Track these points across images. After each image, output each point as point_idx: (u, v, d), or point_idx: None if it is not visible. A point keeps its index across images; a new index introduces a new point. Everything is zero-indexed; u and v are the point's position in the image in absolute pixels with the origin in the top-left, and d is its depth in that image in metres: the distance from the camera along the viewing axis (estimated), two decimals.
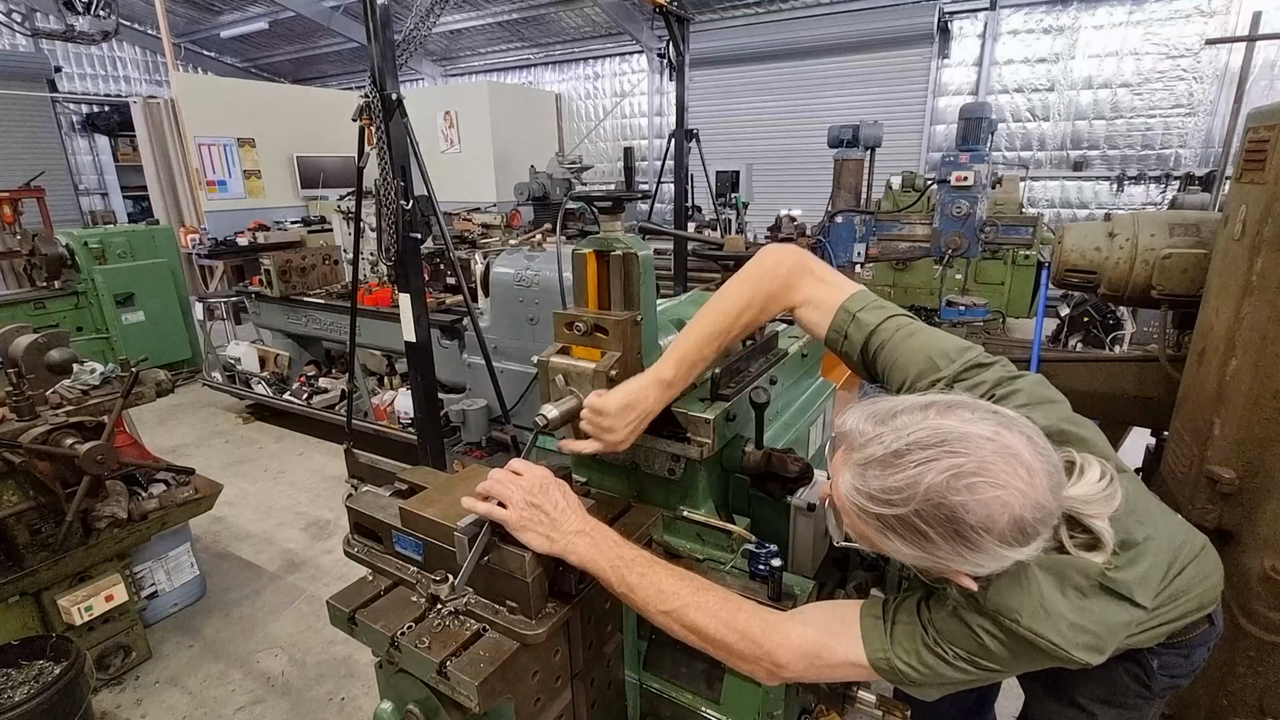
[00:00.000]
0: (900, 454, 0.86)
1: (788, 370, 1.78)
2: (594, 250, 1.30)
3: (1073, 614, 0.96)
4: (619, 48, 11.40)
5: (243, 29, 12.47)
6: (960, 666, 1.00)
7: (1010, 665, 1.00)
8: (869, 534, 0.94)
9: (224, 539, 3.90)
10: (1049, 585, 0.96)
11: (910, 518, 0.86)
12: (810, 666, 1.05)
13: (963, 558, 0.86)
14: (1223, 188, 6.45)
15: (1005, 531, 0.84)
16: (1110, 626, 0.99)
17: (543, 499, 1.12)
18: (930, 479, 0.83)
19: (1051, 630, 0.95)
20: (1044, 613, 0.95)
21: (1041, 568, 0.97)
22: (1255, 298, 1.74)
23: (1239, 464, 1.81)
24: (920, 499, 0.84)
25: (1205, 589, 1.23)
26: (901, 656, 1.01)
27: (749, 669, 1.08)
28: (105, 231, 6.16)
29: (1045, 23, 8.29)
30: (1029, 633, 0.95)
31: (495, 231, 6.13)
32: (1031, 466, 0.85)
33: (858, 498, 0.90)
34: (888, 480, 0.87)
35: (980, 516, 0.82)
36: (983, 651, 0.99)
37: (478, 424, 4.03)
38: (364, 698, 2.68)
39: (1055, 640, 0.95)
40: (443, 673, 1.07)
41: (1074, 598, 0.97)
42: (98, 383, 2.80)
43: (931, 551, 0.87)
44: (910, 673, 1.01)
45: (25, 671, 2.26)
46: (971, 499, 0.82)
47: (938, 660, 1.00)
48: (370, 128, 2.90)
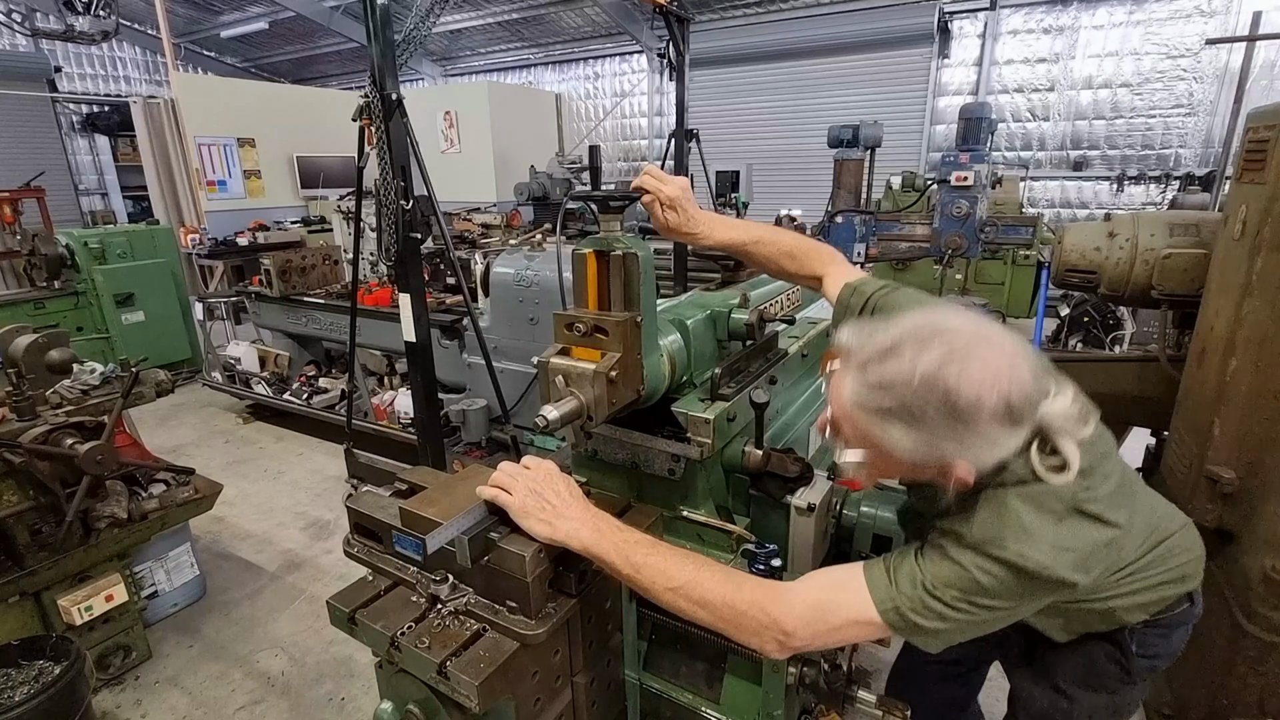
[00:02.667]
0: (896, 346, 0.95)
1: (788, 370, 1.78)
2: (594, 250, 1.30)
3: (1053, 535, 0.99)
4: (619, 48, 11.39)
5: (243, 29, 12.47)
6: (961, 609, 1.01)
7: (1007, 601, 1.01)
8: (872, 433, 0.98)
9: (224, 539, 3.90)
10: (1027, 511, 1.00)
11: (909, 402, 0.92)
12: (818, 631, 1.06)
13: (959, 441, 0.93)
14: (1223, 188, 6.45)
15: (996, 409, 0.91)
16: (1090, 544, 1.01)
17: (546, 488, 1.15)
18: (924, 362, 0.92)
19: (1035, 550, 0.97)
20: (1026, 535, 0.98)
21: (1018, 498, 1.01)
22: (1255, 298, 1.74)
23: (1239, 464, 1.81)
24: (917, 382, 0.91)
25: (1187, 561, 1.26)
26: (907, 604, 1.02)
27: (758, 642, 1.07)
28: (105, 231, 6.16)
29: (1045, 23, 8.28)
30: (1016, 557, 0.97)
31: (495, 231, 6.13)
32: (1014, 352, 0.95)
33: (860, 393, 0.98)
34: (885, 370, 0.95)
35: (971, 395, 0.90)
36: (977, 588, 1.00)
37: (478, 424, 4.03)
38: (364, 698, 2.68)
39: (1042, 560, 0.97)
40: (443, 673, 1.07)
41: (1051, 521, 1.00)
42: (98, 383, 2.79)
43: (930, 435, 0.93)
44: (917, 619, 1.01)
45: (25, 671, 2.26)
46: (963, 378, 0.90)
47: (939, 604, 1.01)
48: (370, 128, 2.90)
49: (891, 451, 0.97)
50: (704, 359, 1.55)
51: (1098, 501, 1.03)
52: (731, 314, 1.58)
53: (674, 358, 1.43)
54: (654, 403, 1.43)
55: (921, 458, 0.97)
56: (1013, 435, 0.96)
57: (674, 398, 1.45)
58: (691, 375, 1.52)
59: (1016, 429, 0.95)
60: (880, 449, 0.99)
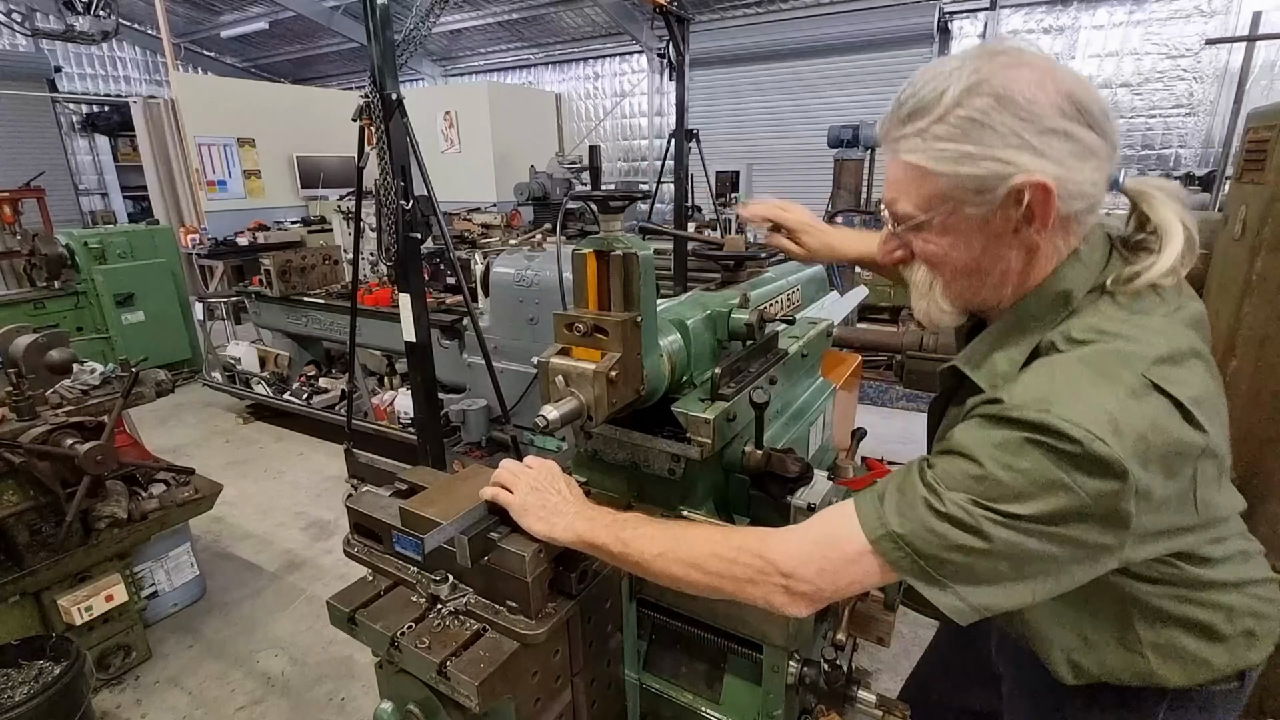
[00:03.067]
0: (926, 91, 0.84)
1: (788, 370, 1.78)
2: (594, 250, 1.30)
3: (1116, 404, 0.75)
4: (619, 48, 11.39)
5: (243, 29, 12.46)
6: (974, 528, 0.77)
7: (1037, 508, 0.75)
8: (919, 174, 0.86)
9: (224, 539, 3.90)
10: (1088, 374, 0.79)
11: (959, 115, 0.81)
12: (822, 569, 0.87)
13: (1022, 139, 0.79)
14: (1223, 188, 6.44)
15: (1056, 100, 0.80)
16: (1164, 432, 0.76)
17: (547, 487, 1.15)
18: (968, 71, 0.82)
19: (1088, 417, 0.74)
20: (1078, 398, 0.76)
21: (1081, 360, 0.81)
22: (1255, 298, 1.74)
23: (1239, 464, 1.81)
24: (965, 91, 0.81)
25: (1264, 617, 1.00)
26: (897, 523, 0.82)
27: (761, 594, 0.91)
28: (105, 231, 6.16)
29: (1045, 23, 8.29)
30: (1056, 420, 0.74)
31: (495, 231, 6.12)
32: (1070, 71, 0.84)
33: (907, 127, 0.86)
34: (928, 94, 0.84)
35: (1028, 91, 0.79)
36: (996, 488, 0.77)
37: (478, 424, 4.03)
38: (364, 698, 2.68)
39: (1092, 429, 0.73)
40: (443, 673, 1.07)
41: (1119, 390, 0.77)
42: (98, 383, 2.80)
43: (991, 136, 0.80)
44: (916, 540, 0.81)
45: (25, 671, 2.26)
46: (1014, 75, 0.80)
47: (944, 523, 0.79)
48: (370, 128, 2.90)
49: (954, 190, 0.84)
50: (704, 359, 1.55)
51: (1185, 384, 0.78)
52: (731, 314, 1.58)
53: (674, 358, 1.43)
54: (654, 403, 1.43)
55: (987, 170, 0.81)
56: (1084, 134, 0.81)
57: (674, 398, 1.45)
58: (691, 375, 1.52)
59: (1086, 127, 0.81)
60: (940, 194, 0.85)
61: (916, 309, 1.00)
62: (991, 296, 0.93)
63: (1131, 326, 0.83)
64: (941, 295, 0.95)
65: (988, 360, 0.92)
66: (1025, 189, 0.81)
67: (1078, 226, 0.88)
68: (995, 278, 0.90)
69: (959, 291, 0.94)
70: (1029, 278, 0.90)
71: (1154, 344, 0.81)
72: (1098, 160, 0.83)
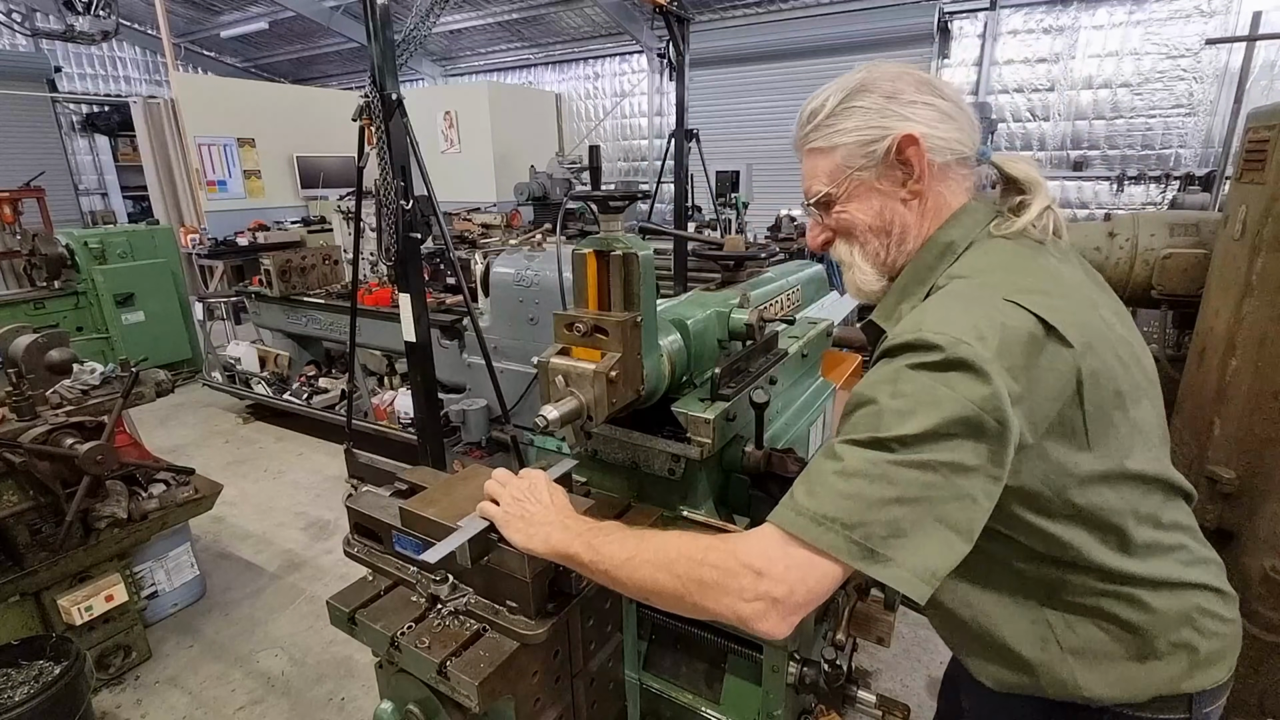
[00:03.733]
0: (822, 93, 1.06)
1: (788, 370, 1.78)
2: (594, 250, 1.30)
3: (978, 317, 0.83)
4: (619, 48, 11.39)
5: (243, 29, 12.45)
6: (874, 470, 0.79)
7: (914, 421, 0.78)
8: (822, 156, 1.04)
9: (224, 539, 3.90)
10: (956, 302, 0.88)
11: (841, 106, 1.01)
12: (788, 566, 0.82)
13: (890, 110, 0.98)
14: (1223, 188, 6.45)
15: (914, 84, 0.99)
16: (1025, 339, 0.81)
17: (529, 496, 1.14)
18: (843, 80, 1.04)
19: (951, 326, 0.81)
20: (945, 317, 0.84)
21: (951, 292, 0.91)
22: (1255, 298, 1.74)
23: (1239, 464, 1.81)
24: (841, 91, 1.02)
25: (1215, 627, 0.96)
26: (813, 503, 0.82)
27: (732, 599, 0.85)
28: (105, 231, 6.16)
29: (1045, 23, 8.28)
30: (926, 334, 0.81)
31: (495, 231, 6.13)
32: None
33: (807, 128, 1.06)
34: (816, 104, 1.05)
35: (890, 79, 1.00)
36: (888, 416, 0.80)
37: (478, 424, 4.03)
38: (364, 698, 2.68)
39: (956, 334, 0.80)
40: (443, 673, 1.07)
41: (983, 308, 0.85)
42: (98, 383, 2.80)
43: (866, 113, 0.99)
44: (835, 510, 0.80)
45: (25, 671, 2.26)
46: (877, 73, 1.01)
47: (848, 479, 0.80)
48: (370, 128, 2.90)
49: (848, 159, 1.01)
50: (704, 359, 1.55)
51: (1051, 309, 0.84)
52: (731, 314, 1.58)
53: (674, 358, 1.43)
54: (654, 403, 1.43)
55: (867, 135, 0.99)
56: (946, 105, 0.99)
57: (674, 398, 1.45)
58: (691, 375, 1.52)
59: (948, 102, 0.99)
60: (839, 166, 1.02)
61: (847, 283, 1.12)
62: (899, 254, 1.05)
63: (1003, 265, 0.94)
64: (861, 259, 1.07)
65: (895, 310, 1.03)
66: (898, 141, 0.97)
67: (956, 182, 1.02)
68: (897, 233, 1.03)
69: (873, 252, 1.06)
70: (924, 233, 1.03)
71: (1021, 278, 0.90)
72: (958, 124, 1.00)
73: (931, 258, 1.01)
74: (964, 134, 1.00)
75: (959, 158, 1.01)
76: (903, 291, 1.03)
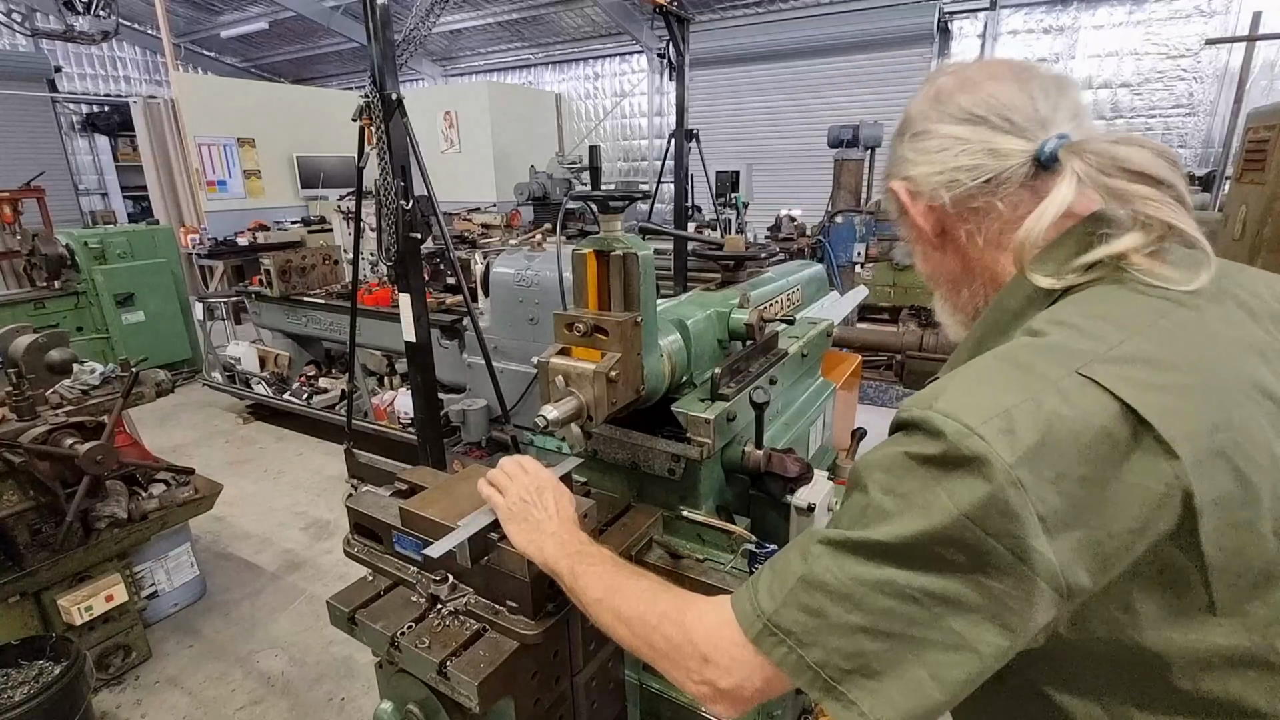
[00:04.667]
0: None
1: (788, 370, 1.78)
2: (594, 250, 1.30)
3: (1018, 399, 0.59)
4: (619, 48, 11.39)
5: (243, 29, 12.47)
6: (838, 586, 0.62)
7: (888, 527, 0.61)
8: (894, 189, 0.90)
9: (224, 539, 3.90)
10: (997, 370, 0.64)
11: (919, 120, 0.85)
12: (739, 660, 0.70)
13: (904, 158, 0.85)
14: (1223, 188, 6.45)
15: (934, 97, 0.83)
16: (1090, 437, 0.57)
17: (535, 499, 1.12)
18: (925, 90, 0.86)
19: (969, 408, 0.59)
20: (971, 391, 0.62)
21: (999, 355, 0.66)
22: None
23: None
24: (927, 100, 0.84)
25: None
26: (770, 605, 0.68)
27: (680, 678, 0.77)
28: (105, 231, 6.16)
29: (1045, 23, 8.29)
30: (932, 416, 0.60)
31: (495, 231, 6.13)
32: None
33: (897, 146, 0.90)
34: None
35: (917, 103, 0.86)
36: (870, 512, 0.63)
37: (478, 424, 4.03)
38: (364, 698, 2.68)
39: (967, 421, 0.58)
40: (443, 673, 1.07)
41: (1032, 385, 0.60)
42: (98, 383, 2.80)
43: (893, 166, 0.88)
44: (792, 625, 0.65)
45: (25, 671, 2.26)
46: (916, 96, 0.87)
47: (810, 590, 0.64)
48: (370, 128, 2.90)
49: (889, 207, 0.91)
50: (704, 359, 1.55)
51: (1152, 390, 0.58)
52: (731, 314, 1.58)
53: (674, 358, 1.43)
54: (654, 403, 1.43)
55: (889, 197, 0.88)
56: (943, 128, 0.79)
57: (674, 398, 1.45)
58: (691, 375, 1.52)
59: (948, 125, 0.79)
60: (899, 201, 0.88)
61: (945, 324, 0.97)
62: (966, 303, 0.88)
63: (1104, 316, 0.65)
64: (939, 306, 0.94)
65: None
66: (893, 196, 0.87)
67: (997, 216, 0.78)
68: (955, 282, 0.88)
69: (944, 298, 0.92)
70: (995, 279, 0.81)
71: (1113, 337, 0.62)
72: (966, 144, 0.77)
73: (1016, 303, 0.75)
74: (981, 154, 0.76)
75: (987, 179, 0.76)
76: (977, 344, 0.78)
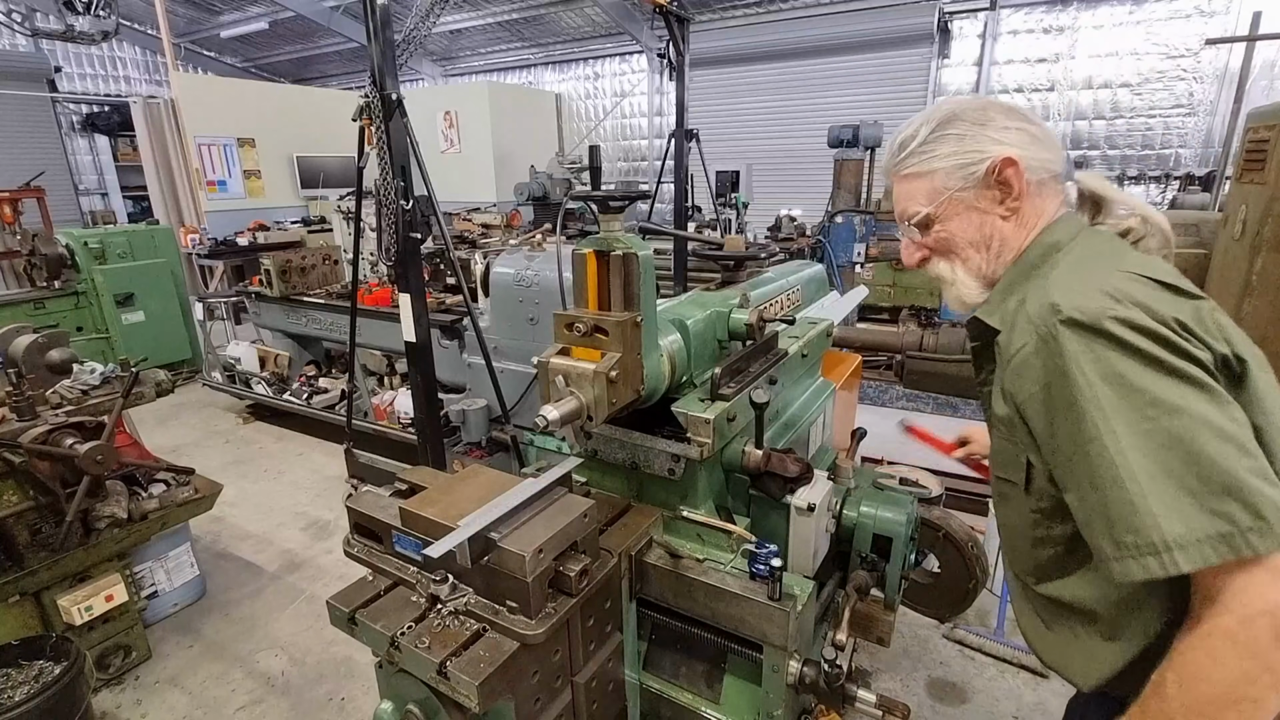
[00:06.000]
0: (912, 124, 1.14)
1: (788, 370, 1.78)
2: (594, 250, 1.30)
3: (1106, 279, 0.91)
4: (619, 48, 11.39)
5: (243, 29, 12.46)
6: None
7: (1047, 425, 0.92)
8: (919, 180, 1.12)
9: (224, 539, 3.90)
10: (1075, 267, 0.99)
11: (934, 135, 1.09)
12: None
13: (985, 134, 1.06)
14: (1223, 188, 6.45)
15: (1001, 110, 1.08)
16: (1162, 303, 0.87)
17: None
18: (929, 111, 1.12)
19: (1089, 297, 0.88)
20: (1070, 286, 0.93)
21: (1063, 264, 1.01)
22: (1255, 298, 1.74)
23: None
24: (931, 121, 1.10)
25: None
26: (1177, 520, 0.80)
27: None
28: (105, 231, 6.16)
29: (1045, 23, 8.28)
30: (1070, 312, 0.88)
31: (495, 231, 6.13)
32: None
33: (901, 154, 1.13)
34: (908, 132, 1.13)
35: (976, 109, 1.08)
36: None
37: (478, 424, 4.03)
38: (364, 698, 2.68)
39: (1100, 306, 0.86)
40: (443, 673, 1.07)
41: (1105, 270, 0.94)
42: (98, 383, 2.80)
43: (960, 140, 1.07)
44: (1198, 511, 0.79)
45: (25, 671, 2.26)
46: (963, 103, 1.11)
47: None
48: (370, 128, 2.90)
49: (947, 181, 1.08)
50: (704, 359, 1.55)
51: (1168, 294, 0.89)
52: (731, 314, 1.58)
53: (674, 358, 1.43)
54: (654, 403, 1.43)
55: (964, 160, 1.06)
56: (1035, 129, 1.07)
57: (674, 398, 1.45)
58: (691, 375, 1.52)
59: (1036, 126, 1.07)
60: (937, 188, 1.09)
61: (948, 298, 1.19)
62: (998, 265, 1.11)
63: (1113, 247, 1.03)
64: (964, 274, 1.14)
65: (1000, 307, 1.08)
66: (997, 165, 1.05)
67: (1048, 198, 1.09)
68: (996, 246, 1.10)
69: (975, 265, 1.13)
70: (1024, 240, 1.09)
71: (1133, 258, 0.98)
72: (1046, 147, 1.08)
73: (1036, 256, 1.07)
74: (1053, 154, 1.08)
75: (1051, 175, 1.09)
76: (1006, 288, 1.09)
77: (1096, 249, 1.03)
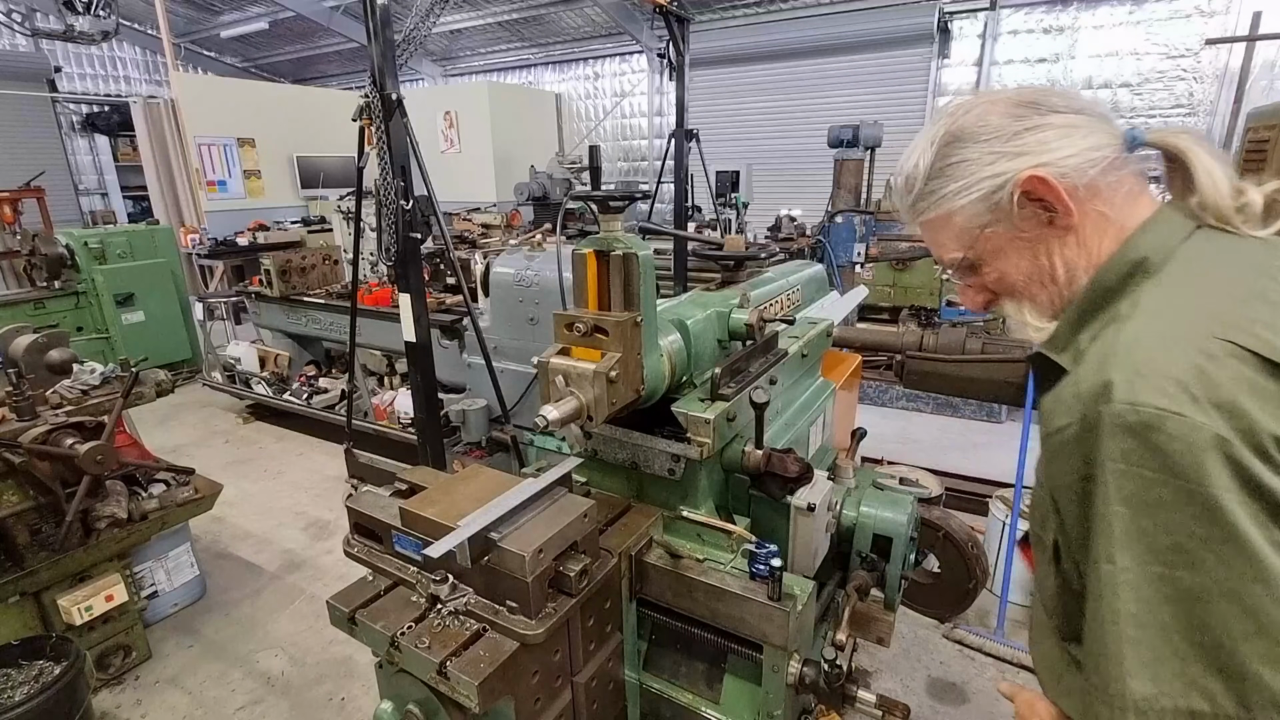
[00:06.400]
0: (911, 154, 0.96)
1: (788, 370, 1.78)
2: (594, 250, 1.30)
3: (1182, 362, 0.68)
4: (619, 48, 11.39)
5: (243, 29, 12.45)
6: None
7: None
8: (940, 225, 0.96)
9: (224, 539, 3.90)
10: (1145, 332, 0.74)
11: (938, 167, 0.92)
12: None
13: (996, 152, 0.87)
14: None
15: (1005, 112, 0.88)
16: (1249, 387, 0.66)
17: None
18: (928, 137, 0.94)
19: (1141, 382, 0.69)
20: (1135, 365, 0.71)
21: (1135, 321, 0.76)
22: None
23: None
24: (932, 149, 0.92)
25: None
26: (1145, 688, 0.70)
27: None
28: (105, 231, 6.16)
29: (1045, 23, 8.28)
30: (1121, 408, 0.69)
31: (495, 231, 6.14)
32: None
33: (910, 197, 0.97)
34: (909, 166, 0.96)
35: (977, 121, 0.89)
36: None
37: (478, 424, 4.03)
38: (364, 698, 2.68)
39: (1164, 404, 0.66)
40: (443, 673, 1.07)
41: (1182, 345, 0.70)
42: (98, 383, 2.80)
43: (970, 166, 0.89)
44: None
45: (25, 671, 2.26)
46: (961, 119, 0.91)
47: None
48: (370, 128, 2.90)
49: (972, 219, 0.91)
50: (704, 359, 1.55)
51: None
52: (731, 314, 1.58)
53: (674, 358, 1.43)
54: (654, 403, 1.43)
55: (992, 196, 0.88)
56: (1057, 119, 0.85)
57: (674, 398, 1.45)
58: (691, 375, 1.52)
59: (1058, 114, 0.86)
60: (965, 228, 0.92)
61: (1028, 338, 0.97)
62: (1073, 294, 0.90)
63: (1230, 276, 0.78)
64: (1032, 315, 0.95)
65: (1072, 343, 0.88)
66: (1022, 186, 0.86)
67: (1116, 192, 0.87)
68: (1063, 275, 0.90)
69: (1045, 302, 0.93)
70: (1098, 258, 0.88)
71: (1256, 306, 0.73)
72: (1084, 129, 0.86)
73: (1113, 280, 0.84)
74: (1097, 135, 0.85)
75: (1108, 161, 0.85)
76: (1076, 319, 0.88)
77: (1203, 280, 0.78)
